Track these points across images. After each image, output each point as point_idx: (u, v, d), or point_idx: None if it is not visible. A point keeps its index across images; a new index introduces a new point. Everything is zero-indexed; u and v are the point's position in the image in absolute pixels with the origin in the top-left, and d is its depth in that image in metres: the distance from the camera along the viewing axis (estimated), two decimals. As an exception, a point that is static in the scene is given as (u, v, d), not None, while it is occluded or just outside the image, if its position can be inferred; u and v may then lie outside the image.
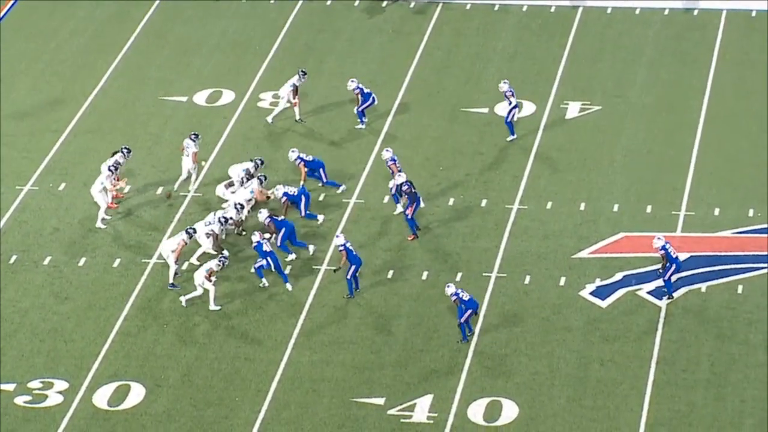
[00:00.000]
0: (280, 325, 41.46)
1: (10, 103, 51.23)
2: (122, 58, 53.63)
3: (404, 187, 44.14)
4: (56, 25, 56.09)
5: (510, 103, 48.25)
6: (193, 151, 45.90)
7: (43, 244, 44.63)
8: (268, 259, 42.44)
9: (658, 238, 42.03)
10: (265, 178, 45.57)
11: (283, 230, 43.79)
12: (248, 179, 45.32)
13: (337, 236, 42.27)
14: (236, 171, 45.70)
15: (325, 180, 46.34)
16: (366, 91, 47.98)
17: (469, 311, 40.08)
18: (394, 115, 50.07)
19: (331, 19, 55.90)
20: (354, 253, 41.83)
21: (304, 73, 49.43)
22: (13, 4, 57.09)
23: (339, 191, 46.23)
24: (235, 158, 47.42)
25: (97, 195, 44.98)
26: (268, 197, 45.17)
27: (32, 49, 54.55)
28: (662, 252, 41.71)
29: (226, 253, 43.01)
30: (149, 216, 45.76)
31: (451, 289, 40.37)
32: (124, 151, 45.62)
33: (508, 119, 48.60)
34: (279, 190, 44.66)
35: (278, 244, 43.75)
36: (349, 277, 42.20)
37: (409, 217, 44.15)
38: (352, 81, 47.17)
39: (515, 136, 48.59)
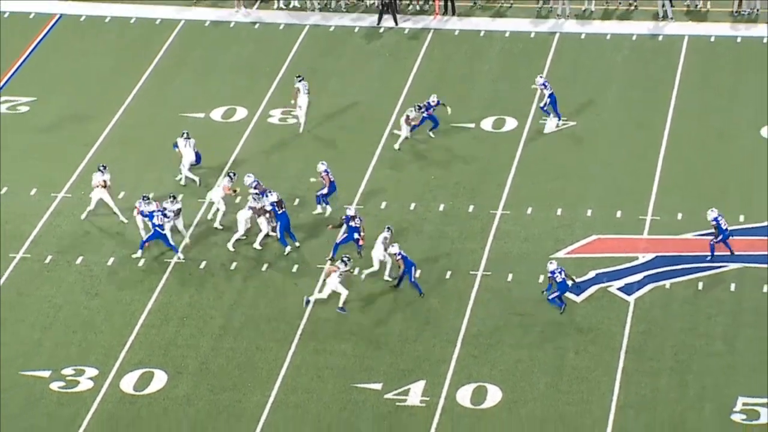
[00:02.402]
0: (288, 318, 41.45)
1: (46, 117, 51.36)
2: (147, 78, 53.69)
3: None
4: (88, 47, 56.26)
5: (547, 93, 49.47)
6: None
7: (75, 246, 44.63)
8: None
9: (712, 210, 42.72)
10: (234, 174, 45.76)
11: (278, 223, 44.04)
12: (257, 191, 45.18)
13: (393, 245, 42.14)
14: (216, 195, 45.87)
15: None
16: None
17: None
18: (389, 130, 49.99)
19: (334, 44, 56.01)
20: (408, 258, 41.96)
21: (300, 78, 49.52)
22: (52, 27, 57.02)
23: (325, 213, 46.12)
24: (248, 168, 47.33)
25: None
26: (235, 191, 45.31)
27: (67, 69, 54.60)
28: (714, 223, 42.35)
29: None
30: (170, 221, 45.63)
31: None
32: (101, 168, 45.60)
33: (545, 107, 49.84)
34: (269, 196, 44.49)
35: (279, 239, 43.92)
36: (412, 280, 42.08)
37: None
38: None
39: (558, 119, 50.08)
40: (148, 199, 44.05)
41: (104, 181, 45.38)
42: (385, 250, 42.38)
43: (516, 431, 37.41)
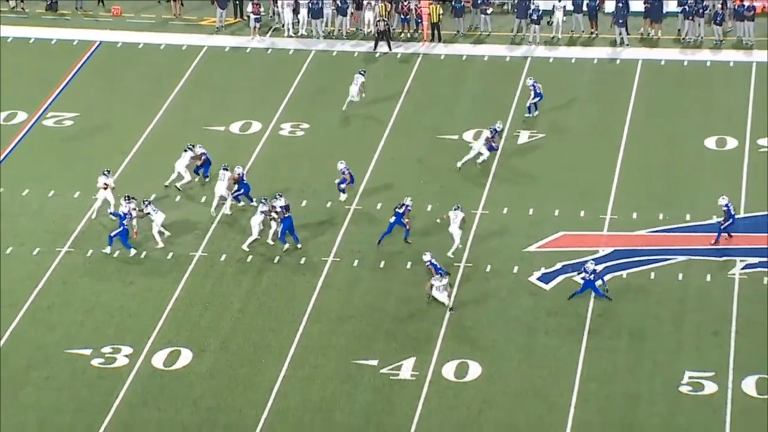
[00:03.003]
0: (297, 304, 41.46)
1: (87, 130, 51.38)
2: (174, 96, 53.75)
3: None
4: (124, 69, 56.29)
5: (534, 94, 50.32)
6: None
7: (114, 242, 44.54)
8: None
9: (723, 198, 43.15)
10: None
11: (282, 224, 44.01)
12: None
13: (424, 254, 41.80)
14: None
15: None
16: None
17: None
18: (385, 140, 49.98)
19: (337, 66, 56.03)
20: (439, 266, 41.59)
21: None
22: (92, 52, 56.99)
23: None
24: (262, 174, 47.60)
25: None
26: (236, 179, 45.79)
27: (105, 88, 54.67)
28: (725, 209, 42.64)
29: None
30: (195, 219, 45.66)
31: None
32: (105, 172, 45.79)
33: (529, 104, 50.62)
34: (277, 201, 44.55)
35: (278, 236, 43.86)
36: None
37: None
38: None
39: (530, 115, 50.80)
40: (129, 199, 44.18)
41: (105, 184, 45.47)
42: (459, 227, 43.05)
43: (494, 401, 37.39)
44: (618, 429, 36.09)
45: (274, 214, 43.88)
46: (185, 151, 46.55)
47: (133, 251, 43.92)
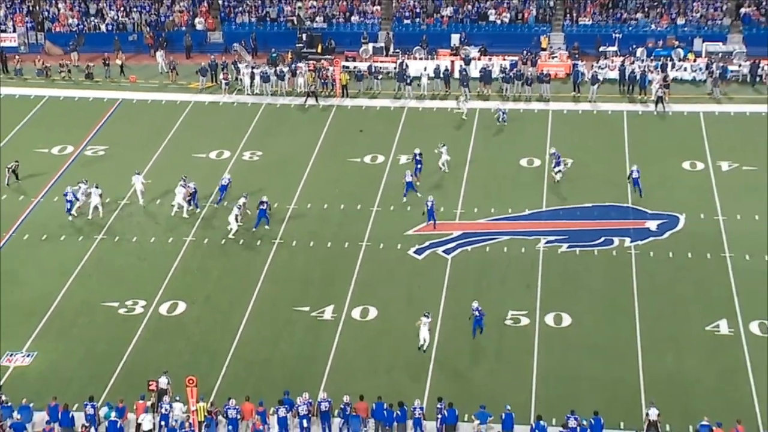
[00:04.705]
0: (255, 272, 41.30)
1: (114, 157, 50.63)
2: (172, 134, 53.15)
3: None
4: (138, 117, 55.49)
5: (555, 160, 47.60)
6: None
7: (132, 230, 44.05)
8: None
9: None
10: (186, 178, 45.89)
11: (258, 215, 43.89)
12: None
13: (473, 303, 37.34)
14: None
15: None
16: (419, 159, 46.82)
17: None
18: (312, 162, 49.67)
19: (280, 114, 55.61)
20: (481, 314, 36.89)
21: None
22: (117, 106, 56.26)
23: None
24: (232, 184, 46.83)
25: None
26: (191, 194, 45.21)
27: (125, 130, 53.92)
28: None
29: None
30: (185, 219, 45.13)
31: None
32: (83, 181, 45.89)
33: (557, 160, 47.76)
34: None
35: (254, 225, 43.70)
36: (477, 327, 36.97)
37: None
38: (416, 150, 46.74)
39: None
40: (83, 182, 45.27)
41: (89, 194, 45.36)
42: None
43: (385, 333, 37.49)
44: (466, 353, 36.15)
45: (242, 210, 43.69)
46: (181, 186, 45.42)
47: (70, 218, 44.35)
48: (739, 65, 58.07)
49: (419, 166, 47.45)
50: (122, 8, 66.53)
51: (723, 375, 34.89)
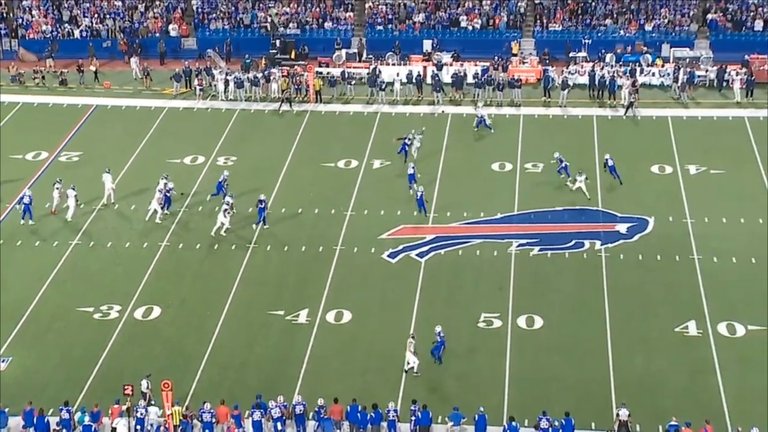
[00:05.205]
0: (230, 275, 41.18)
1: (89, 162, 50.29)
2: (146, 140, 52.97)
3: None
4: (113, 123, 55.30)
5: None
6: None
7: (107, 235, 43.83)
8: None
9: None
10: (168, 176, 46.13)
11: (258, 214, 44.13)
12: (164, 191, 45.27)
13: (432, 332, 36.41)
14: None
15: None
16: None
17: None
18: (287, 166, 49.63)
19: (254, 120, 55.58)
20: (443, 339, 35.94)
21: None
22: (91, 112, 55.95)
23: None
24: (207, 189, 46.84)
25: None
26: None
27: (100, 136, 53.71)
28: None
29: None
30: (161, 225, 44.97)
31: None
32: (58, 180, 45.89)
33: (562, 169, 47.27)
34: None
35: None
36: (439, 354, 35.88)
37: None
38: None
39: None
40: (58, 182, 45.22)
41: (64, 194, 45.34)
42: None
43: (360, 337, 37.48)
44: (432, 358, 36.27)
45: (230, 209, 43.84)
46: (163, 182, 45.58)
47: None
48: (706, 70, 58.57)
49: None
50: (96, 15, 66.26)
51: (692, 375, 35.13)
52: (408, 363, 35.10)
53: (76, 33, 65.20)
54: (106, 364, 36.20)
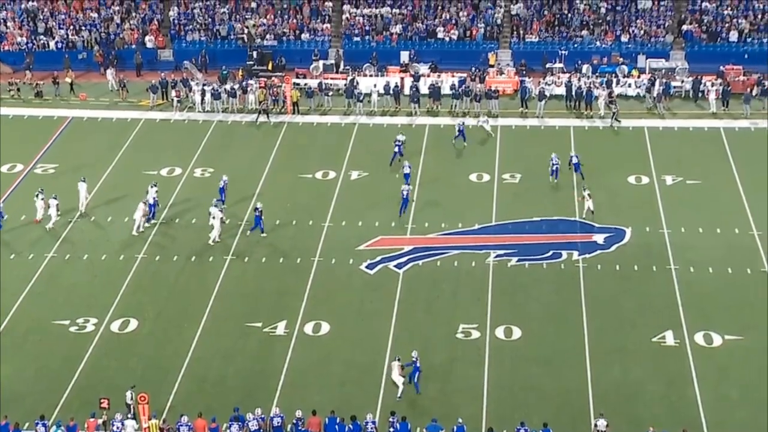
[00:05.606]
0: (207, 288, 41.08)
1: (65, 174, 50.02)
2: (123, 151, 52.85)
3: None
4: (88, 135, 55.17)
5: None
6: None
7: (83, 247, 43.57)
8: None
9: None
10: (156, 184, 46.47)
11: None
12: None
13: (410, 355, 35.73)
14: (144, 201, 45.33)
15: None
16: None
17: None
18: (264, 177, 49.60)
19: (231, 131, 55.52)
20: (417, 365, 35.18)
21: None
22: (67, 123, 55.77)
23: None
24: (185, 200, 46.75)
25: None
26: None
27: (76, 148, 53.55)
28: None
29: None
30: (139, 237, 44.83)
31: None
32: (40, 190, 46.09)
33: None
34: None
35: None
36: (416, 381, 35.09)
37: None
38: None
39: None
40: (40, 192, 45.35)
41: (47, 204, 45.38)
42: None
43: (338, 349, 37.44)
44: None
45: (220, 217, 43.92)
46: (152, 189, 45.86)
47: None
48: (682, 81, 59.01)
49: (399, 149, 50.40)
50: (71, 26, 66.08)
51: (669, 385, 35.30)
52: (398, 387, 34.62)
53: (52, 45, 65.00)
54: (83, 377, 36.02)
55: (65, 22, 66.31)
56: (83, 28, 65.99)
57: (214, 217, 44.08)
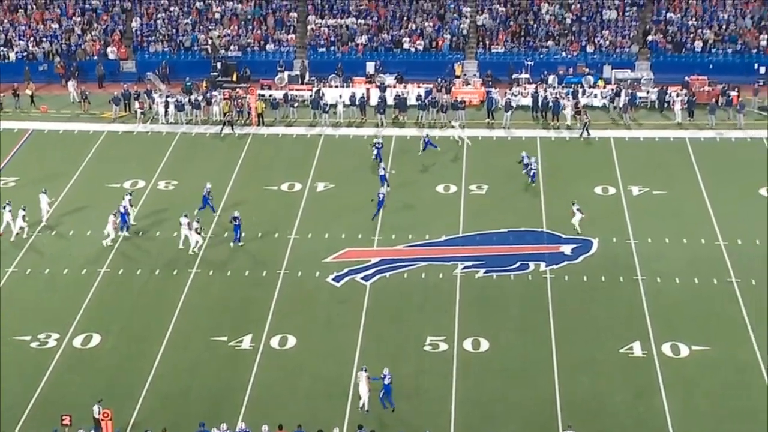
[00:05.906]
0: (171, 302, 40.72)
1: (25, 186, 49.42)
2: (84, 163, 52.45)
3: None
4: (50, 147, 54.77)
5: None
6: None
7: (44, 262, 43.05)
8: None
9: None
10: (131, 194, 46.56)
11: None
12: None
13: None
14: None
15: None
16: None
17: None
18: (229, 190, 49.34)
19: (195, 143, 55.26)
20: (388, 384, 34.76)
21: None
22: (28, 136, 55.28)
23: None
24: (148, 213, 46.40)
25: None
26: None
27: (37, 160, 53.12)
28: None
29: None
30: (104, 248, 44.42)
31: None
32: (8, 202, 45.64)
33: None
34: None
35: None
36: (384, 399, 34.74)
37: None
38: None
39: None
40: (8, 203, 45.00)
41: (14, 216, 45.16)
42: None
43: (305, 362, 37.28)
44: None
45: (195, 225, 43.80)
46: (127, 198, 45.95)
47: None
48: (648, 91, 59.45)
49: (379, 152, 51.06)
50: (32, 37, 65.52)
51: (637, 396, 35.41)
52: (360, 398, 34.45)
53: (12, 56, 64.41)
54: (44, 393, 35.57)
55: (25, 34, 65.76)
56: (44, 39, 65.47)
57: (183, 227, 43.79)
